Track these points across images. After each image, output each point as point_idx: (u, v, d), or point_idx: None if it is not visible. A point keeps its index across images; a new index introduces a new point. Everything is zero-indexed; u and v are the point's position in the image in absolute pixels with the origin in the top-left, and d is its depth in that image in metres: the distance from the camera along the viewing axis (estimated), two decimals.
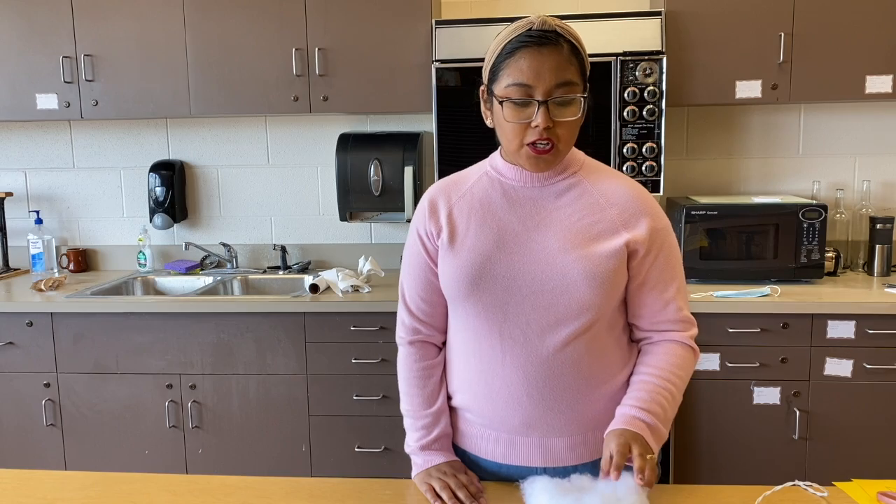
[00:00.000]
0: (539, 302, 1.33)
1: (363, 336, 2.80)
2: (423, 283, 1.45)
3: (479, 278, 1.34)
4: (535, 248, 1.34)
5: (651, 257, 1.36)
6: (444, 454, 1.43)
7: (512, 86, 1.27)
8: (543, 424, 1.37)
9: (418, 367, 1.48)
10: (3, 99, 3.10)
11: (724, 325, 2.61)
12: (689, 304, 1.43)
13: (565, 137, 1.30)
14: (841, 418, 2.63)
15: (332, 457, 2.89)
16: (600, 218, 1.34)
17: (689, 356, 1.40)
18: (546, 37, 1.26)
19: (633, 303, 1.40)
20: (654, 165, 2.77)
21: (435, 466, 1.41)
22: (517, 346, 1.34)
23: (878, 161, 3.14)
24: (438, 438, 1.44)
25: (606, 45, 2.74)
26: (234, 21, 2.96)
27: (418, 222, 1.44)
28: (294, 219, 3.45)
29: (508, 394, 1.36)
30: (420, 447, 1.44)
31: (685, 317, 1.41)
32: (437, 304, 1.46)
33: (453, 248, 1.38)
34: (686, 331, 1.41)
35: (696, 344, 1.42)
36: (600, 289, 1.31)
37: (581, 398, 1.36)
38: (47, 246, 3.47)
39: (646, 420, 1.30)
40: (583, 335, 1.34)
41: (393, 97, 2.95)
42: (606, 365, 1.38)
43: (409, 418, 1.47)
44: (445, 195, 1.43)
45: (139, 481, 1.47)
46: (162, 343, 2.87)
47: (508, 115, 1.29)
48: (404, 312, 1.49)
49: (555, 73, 1.25)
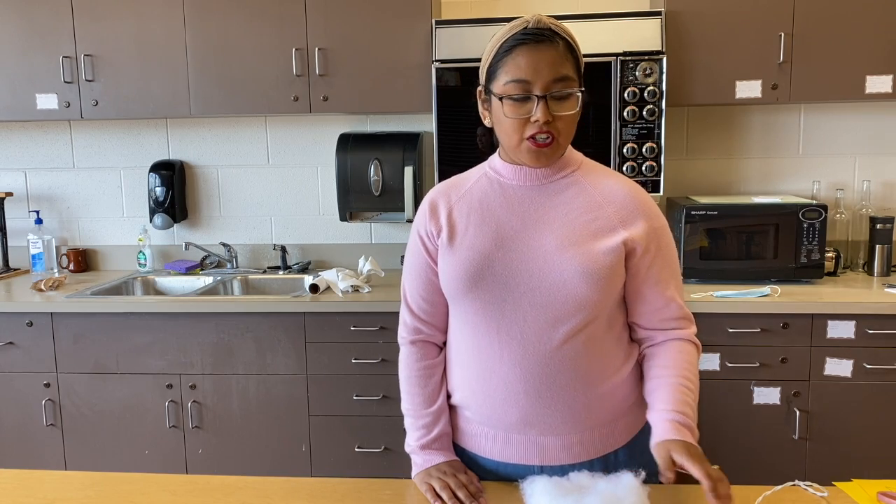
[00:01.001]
0: (537, 299, 1.33)
1: (363, 336, 2.80)
2: (424, 282, 1.46)
3: (477, 276, 1.35)
4: (534, 245, 1.35)
5: (650, 256, 1.37)
6: (444, 454, 1.44)
7: (511, 82, 1.29)
8: (541, 422, 1.37)
9: (419, 367, 1.48)
10: (3, 99, 3.10)
11: (724, 325, 2.61)
12: (685, 305, 1.45)
13: (565, 131, 1.32)
14: (841, 418, 2.63)
15: (332, 457, 2.89)
16: (598, 215, 1.36)
17: (694, 352, 1.43)
18: (542, 34, 1.29)
19: (634, 301, 1.41)
20: (654, 165, 2.77)
21: (435, 466, 1.41)
22: (515, 344, 1.35)
23: (878, 161, 3.14)
24: (439, 438, 1.45)
25: (606, 45, 2.74)
26: (234, 21, 2.96)
27: (419, 224, 1.47)
28: (294, 219, 3.45)
29: (506, 391, 1.37)
30: (420, 446, 1.44)
31: (686, 314, 1.43)
32: (438, 303, 1.47)
33: (452, 247, 1.39)
34: (688, 328, 1.43)
35: (696, 340, 1.44)
36: (597, 285, 1.32)
37: (578, 396, 1.36)
38: (47, 246, 3.47)
39: (687, 425, 1.30)
40: (580, 333, 1.34)
41: (393, 97, 2.95)
42: (604, 363, 1.39)
43: (409, 417, 1.48)
44: (445, 196, 1.45)
45: (139, 481, 1.47)
46: (162, 343, 2.87)
47: (508, 111, 1.31)
48: (406, 312, 1.51)
49: (552, 69, 1.28)
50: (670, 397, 1.33)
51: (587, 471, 1.35)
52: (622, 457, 1.43)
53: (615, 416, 1.42)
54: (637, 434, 1.46)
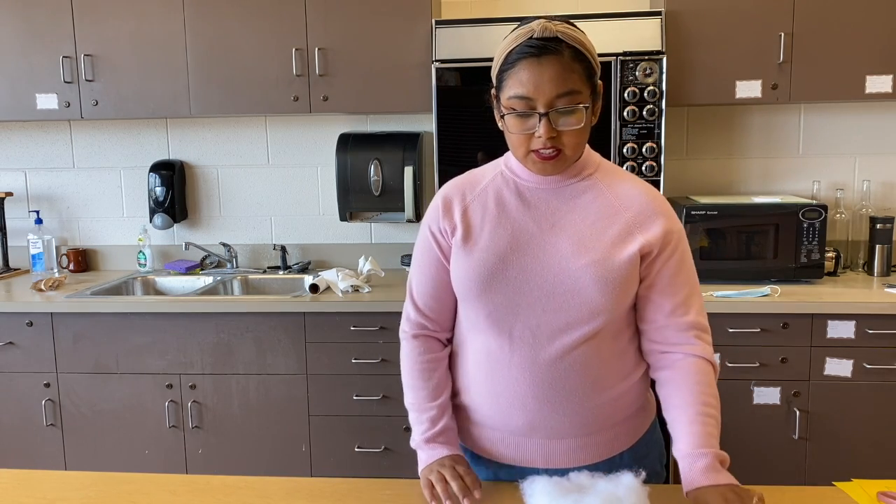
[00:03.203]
0: (550, 305, 1.32)
1: (363, 336, 2.80)
2: (434, 280, 1.44)
3: (491, 278, 1.34)
4: (549, 250, 1.33)
5: (663, 258, 1.34)
6: (448, 447, 1.40)
7: (514, 98, 1.27)
8: (547, 426, 1.36)
9: (424, 360, 1.45)
10: (3, 99, 3.10)
11: (724, 325, 2.61)
12: (705, 315, 1.38)
13: (571, 144, 1.29)
14: (841, 418, 2.63)
15: (332, 457, 2.89)
16: (614, 221, 1.34)
17: (710, 372, 1.35)
18: (546, 46, 1.25)
19: (644, 306, 1.37)
20: (654, 165, 2.77)
21: (437, 461, 1.38)
22: (526, 348, 1.33)
23: (878, 161, 3.14)
24: (444, 431, 1.41)
25: (606, 45, 2.74)
26: (234, 21, 2.96)
27: (431, 220, 1.43)
28: (294, 219, 3.45)
29: (513, 394, 1.36)
30: (425, 440, 1.41)
31: (698, 323, 1.36)
32: (445, 301, 1.45)
33: (467, 248, 1.37)
34: (699, 340, 1.36)
35: (714, 359, 1.37)
36: (612, 294, 1.30)
37: (586, 401, 1.35)
38: (47, 246, 3.47)
39: (715, 457, 1.25)
40: (592, 339, 1.33)
41: (393, 97, 2.95)
42: (614, 369, 1.37)
43: (413, 412, 1.44)
44: (460, 193, 1.42)
45: (139, 481, 1.47)
46: (162, 343, 2.87)
47: (512, 126, 1.29)
48: (411, 308, 1.47)
49: (555, 84, 1.25)
50: (695, 433, 1.28)
51: (587, 471, 1.34)
52: (626, 459, 1.42)
53: (620, 420, 1.41)
54: (642, 436, 1.45)
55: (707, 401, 1.31)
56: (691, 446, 1.27)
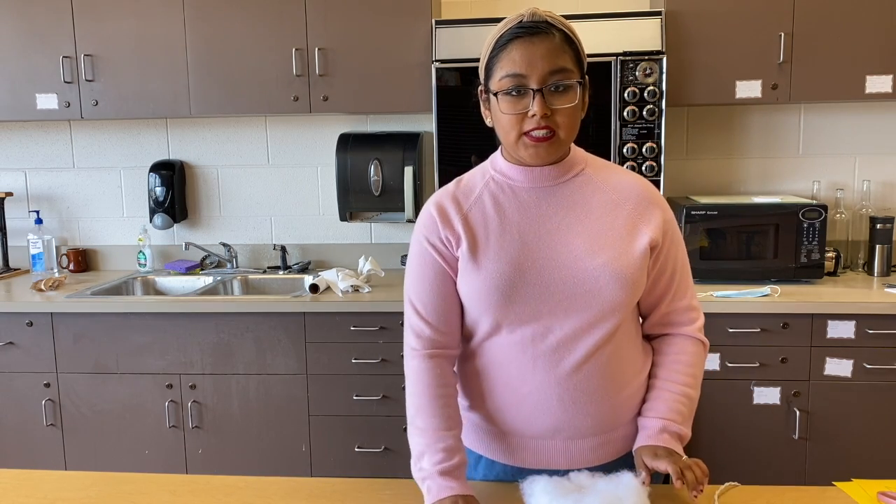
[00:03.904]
0: (573, 306, 1.31)
1: (363, 336, 2.80)
2: (443, 293, 1.37)
3: (512, 289, 1.31)
4: (562, 250, 1.32)
5: (665, 248, 1.36)
6: (462, 485, 1.29)
7: (506, 77, 1.26)
8: (570, 427, 1.36)
9: (443, 391, 1.35)
10: (3, 99, 3.10)
11: (724, 325, 2.61)
12: (696, 293, 1.46)
13: (565, 125, 1.27)
14: (841, 418, 2.63)
15: (332, 457, 2.89)
16: (618, 214, 1.34)
17: (699, 352, 1.43)
18: (537, 27, 1.26)
19: (646, 293, 1.39)
20: (654, 165, 2.77)
21: (450, 497, 1.25)
22: (549, 353, 1.32)
23: (878, 161, 3.14)
24: (459, 466, 1.31)
25: (606, 45, 2.74)
26: (234, 21, 2.96)
27: (428, 231, 1.37)
28: (294, 219, 3.45)
29: (537, 400, 1.34)
30: (440, 472, 1.28)
31: (691, 304, 1.43)
32: (454, 313, 1.38)
33: (476, 261, 1.32)
34: (695, 322, 1.43)
35: (704, 337, 1.45)
36: (630, 288, 1.31)
37: (608, 399, 1.35)
38: (47, 246, 3.47)
39: (670, 430, 1.34)
40: (612, 336, 1.33)
41: (393, 97, 2.95)
42: (630, 364, 1.39)
43: (424, 437, 1.32)
44: (455, 203, 1.37)
45: (139, 481, 1.47)
46: (162, 343, 2.87)
47: (504, 106, 1.27)
48: (420, 323, 1.37)
49: (548, 60, 1.24)
50: (661, 406, 1.37)
51: (587, 471, 1.34)
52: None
53: (636, 415, 1.41)
54: None
55: (685, 380, 1.39)
56: (655, 412, 1.37)
